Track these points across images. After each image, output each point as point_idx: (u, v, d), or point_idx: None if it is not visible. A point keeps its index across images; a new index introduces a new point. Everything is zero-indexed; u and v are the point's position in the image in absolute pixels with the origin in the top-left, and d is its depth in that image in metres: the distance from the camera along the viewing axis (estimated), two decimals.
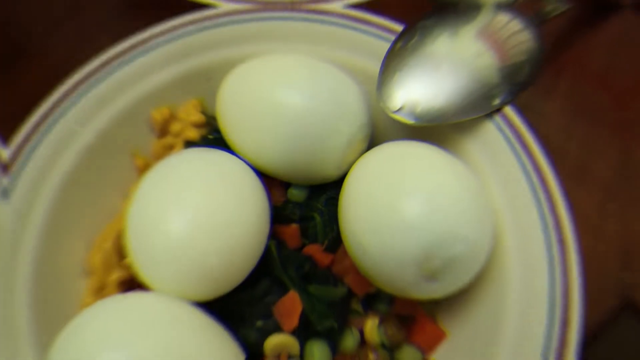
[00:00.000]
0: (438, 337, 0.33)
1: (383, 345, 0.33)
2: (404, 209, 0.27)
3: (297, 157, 0.33)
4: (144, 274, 0.29)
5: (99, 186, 0.36)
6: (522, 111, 0.33)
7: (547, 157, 0.31)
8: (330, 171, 0.34)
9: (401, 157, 0.30)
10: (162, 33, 0.37)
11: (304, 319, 0.32)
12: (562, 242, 0.29)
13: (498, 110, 0.33)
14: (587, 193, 0.40)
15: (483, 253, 0.29)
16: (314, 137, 0.32)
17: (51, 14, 0.48)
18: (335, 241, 0.34)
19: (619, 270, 0.37)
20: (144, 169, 0.38)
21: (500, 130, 0.32)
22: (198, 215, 0.28)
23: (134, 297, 0.27)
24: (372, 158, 0.31)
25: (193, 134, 0.38)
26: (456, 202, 0.28)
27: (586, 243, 0.30)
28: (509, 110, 0.33)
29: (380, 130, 0.36)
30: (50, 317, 0.31)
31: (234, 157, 0.32)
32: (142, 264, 0.29)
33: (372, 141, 0.35)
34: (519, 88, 0.34)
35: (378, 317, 0.34)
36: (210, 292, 0.29)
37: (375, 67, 0.36)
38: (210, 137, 0.38)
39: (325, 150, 0.33)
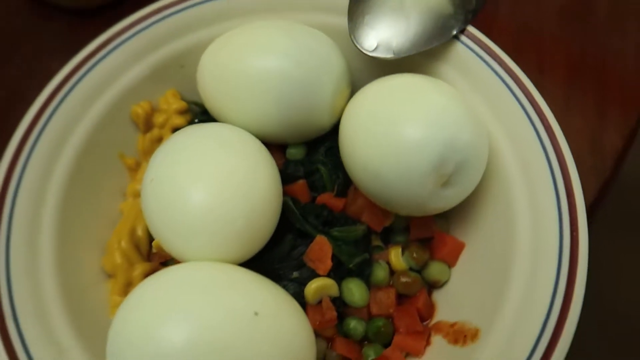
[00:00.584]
0: (458, 248, 0.35)
1: (411, 269, 0.35)
2: (412, 128, 0.29)
3: (290, 116, 0.34)
4: (176, 249, 0.30)
5: (95, 194, 0.36)
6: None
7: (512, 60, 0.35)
8: (324, 121, 0.35)
9: (392, 87, 0.32)
10: (125, 29, 0.37)
11: (336, 261, 0.33)
12: (549, 130, 0.32)
13: (461, 33, 0.36)
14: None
15: (484, 155, 0.32)
16: (303, 93, 0.34)
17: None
18: (343, 186, 0.36)
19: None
20: (135, 167, 0.38)
21: (469, 47, 0.35)
22: (216, 183, 0.29)
23: (178, 268, 0.28)
24: (363, 95, 0.33)
25: (179, 121, 0.38)
26: (453, 114, 0.30)
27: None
28: (472, 30, 0.36)
29: (357, 76, 0.38)
30: (87, 324, 0.31)
31: (233, 126, 0.33)
32: (172, 240, 0.30)
33: (353, 88, 0.37)
34: (471, 15, 0.37)
35: (399, 246, 0.36)
36: (241, 254, 0.30)
37: (337, 21, 0.38)
38: (197, 120, 0.39)
39: (315, 103, 0.34)
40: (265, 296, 0.27)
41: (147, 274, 0.34)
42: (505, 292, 0.30)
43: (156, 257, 0.35)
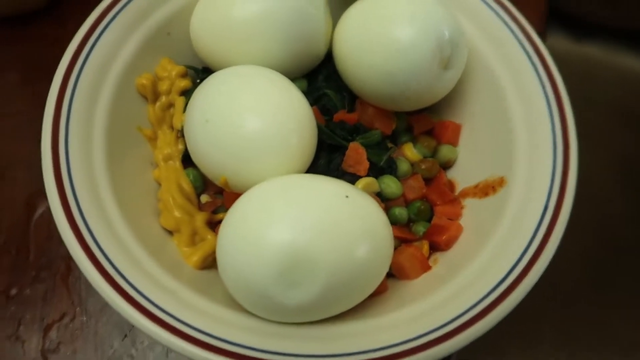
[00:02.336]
0: (457, 128, 0.41)
1: (425, 157, 0.41)
2: (407, 23, 0.35)
3: (290, 49, 0.38)
4: (244, 178, 0.33)
5: (130, 169, 0.37)
6: None
7: None
8: (320, 49, 0.40)
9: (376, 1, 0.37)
10: (109, 7, 0.38)
11: (369, 163, 0.38)
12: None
13: None
14: None
15: (465, 39, 0.38)
16: (297, 25, 0.37)
17: None
18: (350, 103, 0.40)
19: None
20: (154, 137, 0.39)
21: None
22: (269, 111, 0.33)
23: (272, 180, 0.31)
24: (350, 16, 0.38)
25: (184, 83, 0.40)
26: (438, 10, 0.36)
27: None
28: None
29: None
30: (175, 272, 0.33)
31: (255, 66, 0.36)
32: (238, 171, 0.33)
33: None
34: None
35: (409, 142, 0.41)
36: (298, 167, 0.34)
37: None
38: (198, 81, 0.41)
39: (310, 32, 0.38)
40: (344, 184, 0.31)
41: (207, 222, 0.36)
42: (513, 141, 0.37)
43: (207, 207, 0.37)
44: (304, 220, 0.27)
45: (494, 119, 0.39)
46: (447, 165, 0.42)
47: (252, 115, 0.32)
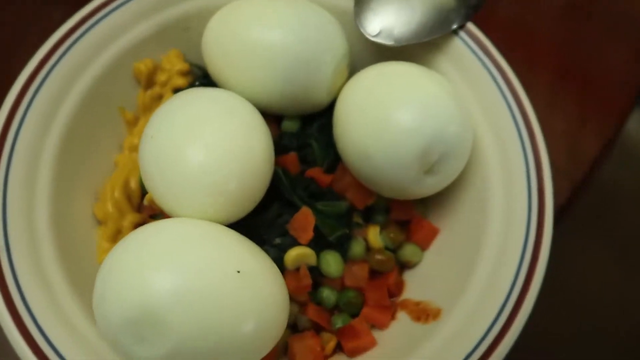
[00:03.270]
0: (432, 233, 0.37)
1: (387, 248, 0.37)
2: (403, 114, 0.31)
3: (289, 89, 0.36)
4: (168, 204, 0.31)
5: (93, 143, 0.37)
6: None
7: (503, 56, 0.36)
8: (321, 98, 0.37)
9: (389, 73, 0.34)
10: None
11: (317, 233, 0.35)
12: (531, 134, 0.34)
13: (460, 28, 0.37)
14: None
15: (468, 148, 0.34)
16: (304, 68, 0.35)
17: None
18: (332, 163, 0.38)
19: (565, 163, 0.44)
20: (133, 122, 0.39)
21: (466, 44, 0.37)
22: (213, 144, 0.30)
23: (170, 221, 0.29)
24: (361, 78, 0.35)
25: (181, 81, 0.39)
26: (444, 106, 0.32)
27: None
28: (470, 27, 0.37)
29: (357, 59, 0.39)
30: (75, 264, 0.32)
31: (233, 93, 0.34)
32: (164, 195, 0.31)
33: (352, 70, 0.38)
34: (472, 11, 0.39)
35: (378, 226, 0.38)
36: (231, 215, 0.32)
37: (343, 3, 0.39)
38: (198, 83, 0.40)
39: (314, 80, 0.36)
40: (248, 256, 0.29)
41: (136, 224, 0.35)
42: (470, 278, 0.32)
43: (146, 210, 0.37)
44: (175, 283, 0.25)
45: (469, 241, 0.34)
46: (406, 265, 0.38)
47: (195, 146, 0.30)
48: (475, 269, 0.32)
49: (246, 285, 0.27)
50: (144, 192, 0.37)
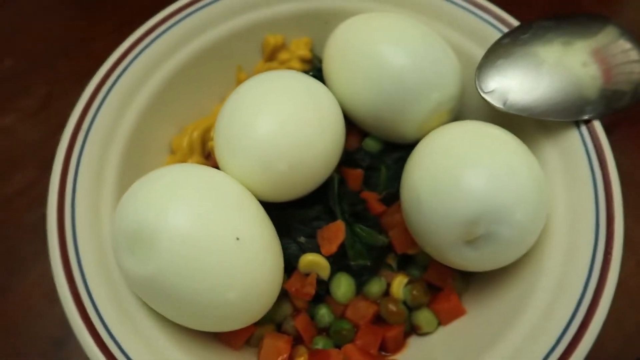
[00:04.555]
0: (458, 312, 0.34)
1: (404, 303, 0.35)
2: (469, 174, 0.29)
3: (385, 112, 0.35)
4: (222, 158, 0.33)
5: (200, 87, 0.41)
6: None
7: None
8: (409, 132, 0.36)
9: (480, 133, 0.32)
10: None
11: (342, 251, 0.34)
12: (607, 260, 0.30)
13: (585, 122, 0.33)
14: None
15: (525, 242, 0.30)
16: (407, 96, 0.34)
17: None
18: (392, 197, 0.36)
19: None
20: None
21: (583, 140, 0.33)
22: (283, 121, 0.31)
23: (209, 169, 0.31)
24: (452, 128, 0.33)
25: (298, 66, 0.41)
26: (519, 185, 0.29)
27: (629, 271, 0.30)
28: (596, 126, 0.33)
29: (467, 109, 0.38)
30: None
31: (328, 90, 0.35)
32: (222, 149, 0.32)
33: (457, 117, 0.37)
34: (611, 112, 0.35)
35: (407, 278, 0.35)
36: (270, 193, 0.32)
37: (476, 51, 0.37)
38: (311, 73, 0.41)
39: (412, 112, 0.35)
40: (255, 231, 0.29)
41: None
42: None
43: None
44: (172, 212, 0.27)
45: (487, 342, 0.31)
46: (416, 330, 0.35)
47: (264, 115, 0.31)
48: None
49: (241, 254, 0.28)
50: None
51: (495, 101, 0.33)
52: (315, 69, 0.42)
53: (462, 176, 0.29)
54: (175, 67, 0.39)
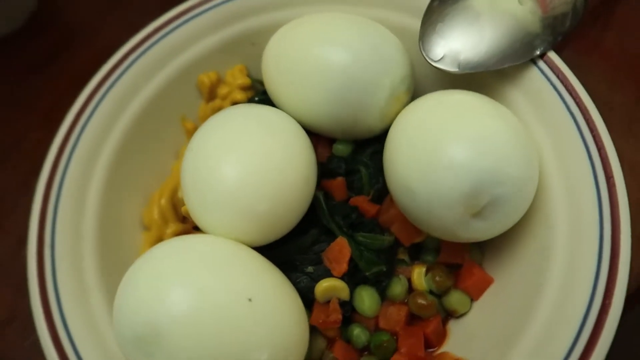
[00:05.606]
0: (485, 282, 0.33)
1: (431, 292, 0.34)
2: (452, 149, 0.28)
3: (343, 111, 0.34)
4: (199, 219, 0.31)
5: (152, 149, 0.39)
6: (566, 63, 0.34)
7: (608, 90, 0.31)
8: (374, 124, 0.35)
9: (446, 103, 0.31)
10: (200, 3, 0.39)
11: (353, 266, 0.33)
12: (610, 185, 0.29)
13: (540, 57, 0.33)
14: (634, 146, 0.40)
15: (528, 194, 0.29)
16: (359, 91, 0.33)
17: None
18: (380, 193, 0.35)
19: None
20: (193, 131, 0.40)
21: (544, 75, 0.32)
22: (249, 163, 0.30)
23: (194, 238, 0.29)
24: (417, 107, 0.32)
25: (240, 96, 0.39)
26: (503, 143, 0.28)
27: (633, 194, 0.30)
28: (553, 57, 0.33)
29: (421, 84, 0.37)
30: (114, 264, 0.33)
31: (281, 111, 0.33)
32: (197, 209, 0.31)
33: (414, 95, 0.36)
34: (560, 38, 0.34)
35: (425, 266, 0.34)
36: (261, 237, 0.31)
37: (413, 23, 0.36)
38: (257, 99, 0.39)
39: (369, 103, 0.34)
40: (266, 283, 0.28)
41: (177, 234, 0.36)
42: (520, 340, 0.28)
43: (190, 221, 0.37)
44: (179, 304, 0.25)
45: (525, 296, 0.30)
46: (452, 314, 0.34)
47: (228, 164, 0.29)
48: (527, 329, 0.28)
49: (257, 314, 0.26)
50: None
51: (448, 66, 0.33)
52: (259, 92, 0.40)
53: (446, 154, 0.28)
54: (122, 133, 0.37)
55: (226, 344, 0.25)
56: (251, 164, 0.30)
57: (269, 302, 0.27)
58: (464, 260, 0.34)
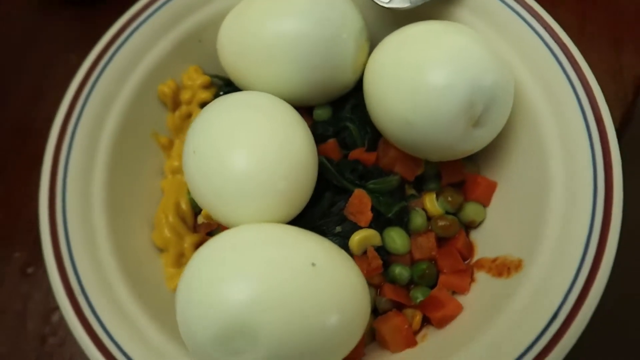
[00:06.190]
0: (491, 187, 0.36)
1: (447, 213, 0.36)
2: (437, 71, 0.30)
3: (313, 76, 0.35)
4: (224, 215, 0.31)
5: (136, 175, 0.37)
6: None
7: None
8: (347, 79, 0.36)
9: (414, 34, 0.33)
10: (142, 9, 0.38)
11: (375, 212, 0.34)
12: (573, 62, 0.33)
13: None
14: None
15: (510, 92, 0.32)
16: (325, 52, 0.34)
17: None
18: (372, 141, 0.37)
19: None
20: (168, 146, 0.39)
21: None
22: (254, 147, 0.30)
23: (231, 232, 0.29)
24: (386, 47, 0.34)
25: (205, 95, 0.39)
26: (475, 55, 0.31)
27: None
28: None
29: (374, 30, 0.38)
30: (149, 296, 0.33)
31: (262, 93, 0.34)
32: (218, 207, 0.31)
33: (372, 44, 0.37)
34: None
35: (433, 193, 0.37)
36: (285, 214, 0.31)
37: None
38: (222, 93, 0.39)
39: (338, 61, 0.35)
40: (318, 248, 0.28)
41: (196, 245, 0.35)
42: (544, 223, 0.31)
43: (202, 228, 0.36)
44: (255, 289, 0.25)
45: (533, 189, 0.33)
46: (471, 226, 0.37)
47: (237, 154, 0.30)
48: (546, 213, 0.31)
49: (323, 277, 0.27)
50: (196, 211, 0.37)
51: (400, 4, 0.35)
52: (221, 86, 0.40)
53: (433, 77, 0.30)
54: (103, 170, 0.35)
55: (305, 313, 0.26)
56: (256, 148, 0.30)
57: (329, 266, 0.28)
58: (465, 176, 0.37)
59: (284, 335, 0.26)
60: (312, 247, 0.28)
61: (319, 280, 0.27)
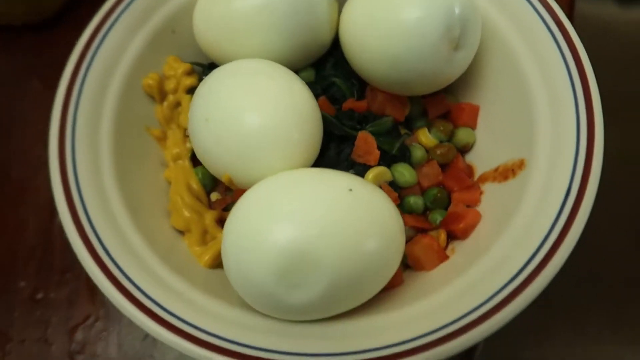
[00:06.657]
0: (474, 110, 0.39)
1: (441, 141, 0.39)
2: (413, 6, 0.33)
3: (294, 40, 0.37)
4: (245, 176, 0.32)
5: (141, 169, 0.37)
6: None
7: None
8: (326, 36, 0.38)
9: None
10: (112, 9, 0.38)
11: (380, 151, 0.36)
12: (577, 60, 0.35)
13: None
14: None
15: (479, 13, 0.35)
16: (302, 14, 0.36)
17: None
18: (360, 90, 0.39)
19: None
20: (162, 137, 0.39)
21: None
22: (265, 105, 0.32)
23: (263, 183, 0.30)
24: (352, 1, 0.36)
25: (190, 81, 0.39)
26: None
27: None
28: None
29: None
30: (189, 274, 0.33)
31: (253, 59, 0.35)
32: (239, 170, 0.32)
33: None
34: None
35: (424, 128, 0.39)
36: (302, 161, 0.33)
37: None
38: (203, 77, 0.40)
39: (314, 20, 0.37)
40: (348, 177, 0.30)
41: (218, 220, 0.36)
42: (535, 124, 0.34)
43: (217, 205, 0.37)
44: (305, 219, 0.27)
45: (514, 99, 0.36)
46: (465, 149, 0.40)
47: (251, 113, 0.31)
48: (535, 115, 0.34)
49: (362, 201, 0.29)
50: (207, 189, 0.37)
51: None
52: (203, 71, 0.41)
53: (408, 13, 0.33)
54: (109, 167, 0.35)
55: (351, 236, 0.28)
56: (270, 103, 0.32)
57: (364, 190, 0.30)
58: (447, 105, 0.40)
59: (343, 260, 0.27)
60: (343, 177, 0.30)
61: (358, 204, 0.28)
